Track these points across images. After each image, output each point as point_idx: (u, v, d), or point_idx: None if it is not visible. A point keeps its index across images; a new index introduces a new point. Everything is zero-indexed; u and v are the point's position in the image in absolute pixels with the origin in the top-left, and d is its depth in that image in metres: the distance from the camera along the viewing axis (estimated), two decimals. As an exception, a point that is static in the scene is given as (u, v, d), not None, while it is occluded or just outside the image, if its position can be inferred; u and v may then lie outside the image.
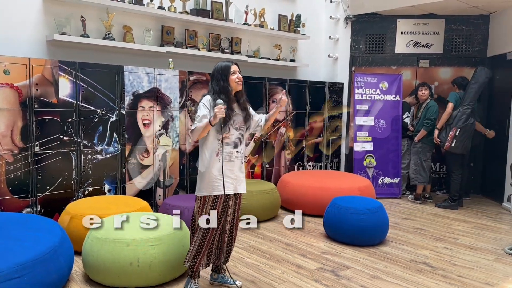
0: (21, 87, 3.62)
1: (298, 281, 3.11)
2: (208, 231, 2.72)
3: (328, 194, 4.70)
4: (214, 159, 2.72)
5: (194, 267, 2.78)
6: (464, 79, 5.50)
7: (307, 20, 6.32)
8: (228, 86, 2.74)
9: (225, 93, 2.73)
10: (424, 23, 6.20)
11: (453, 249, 3.88)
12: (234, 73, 2.76)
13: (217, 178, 2.72)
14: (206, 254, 2.77)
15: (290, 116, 5.77)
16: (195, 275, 2.82)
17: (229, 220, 2.86)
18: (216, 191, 2.72)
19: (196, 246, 2.75)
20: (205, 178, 2.74)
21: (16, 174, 3.64)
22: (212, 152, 2.73)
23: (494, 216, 5.09)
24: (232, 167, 2.77)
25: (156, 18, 4.80)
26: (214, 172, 2.72)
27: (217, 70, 2.78)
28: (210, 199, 2.73)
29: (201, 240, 2.73)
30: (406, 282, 3.13)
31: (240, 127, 2.81)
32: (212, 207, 2.73)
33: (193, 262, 2.77)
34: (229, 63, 2.79)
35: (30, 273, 2.42)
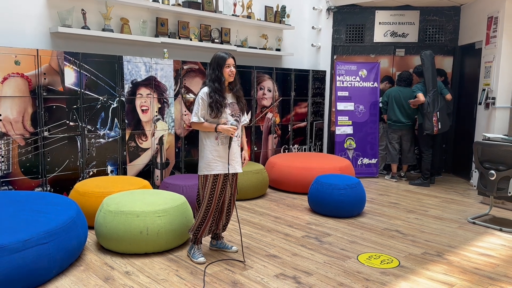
0: (31, 77, 3.92)
1: (286, 246, 3.56)
2: (210, 205, 3.10)
3: (312, 173, 5.15)
4: (213, 143, 3.09)
5: (198, 235, 3.18)
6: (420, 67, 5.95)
7: (292, 11, 6.68)
8: (221, 76, 3.06)
9: (219, 82, 3.06)
10: (401, 14, 6.63)
11: (422, 219, 4.38)
12: (228, 66, 3.07)
13: (216, 160, 3.08)
14: (208, 224, 3.17)
15: (276, 103, 6.17)
16: (198, 242, 3.23)
17: (228, 195, 3.23)
18: (215, 170, 3.08)
19: (200, 218, 3.13)
20: (205, 160, 3.09)
21: (28, 157, 3.97)
22: (212, 137, 3.09)
23: (462, 192, 5.62)
24: (232, 150, 3.11)
25: (151, 11, 5.10)
26: (214, 154, 3.08)
27: (214, 60, 3.11)
28: (211, 178, 3.09)
29: (204, 212, 3.12)
30: (380, 246, 3.61)
31: (235, 114, 3.15)
32: (213, 184, 3.09)
33: (197, 231, 3.17)
34: (226, 55, 3.10)
35: (55, 239, 2.80)
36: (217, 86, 3.05)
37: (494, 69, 5.52)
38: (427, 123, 5.63)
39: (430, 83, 5.62)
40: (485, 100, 5.62)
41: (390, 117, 6.06)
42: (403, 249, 3.55)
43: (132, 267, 3.07)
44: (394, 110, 6.00)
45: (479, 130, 5.83)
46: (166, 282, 2.85)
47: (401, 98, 5.97)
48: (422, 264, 3.23)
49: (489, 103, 5.56)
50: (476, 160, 4.33)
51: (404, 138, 6.07)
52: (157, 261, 3.19)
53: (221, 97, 3.05)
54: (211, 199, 3.10)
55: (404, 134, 6.06)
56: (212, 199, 3.10)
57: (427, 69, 5.64)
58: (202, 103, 3.05)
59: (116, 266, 3.09)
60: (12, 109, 3.84)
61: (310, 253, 3.40)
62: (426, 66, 5.65)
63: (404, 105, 5.95)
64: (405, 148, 6.11)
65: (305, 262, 3.23)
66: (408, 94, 5.95)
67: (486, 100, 5.60)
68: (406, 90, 6.00)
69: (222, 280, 2.89)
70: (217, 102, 3.02)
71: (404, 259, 3.32)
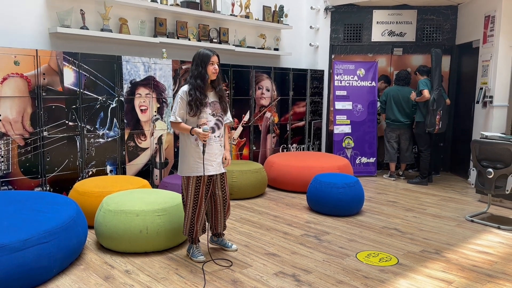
0: (30, 77, 3.93)
1: (286, 244, 3.57)
2: (196, 206, 3.09)
3: (311, 172, 5.17)
4: (193, 143, 3.05)
5: (193, 235, 3.18)
6: (425, 66, 5.98)
7: (290, 10, 6.70)
8: (205, 73, 3.01)
9: (202, 79, 3.01)
10: (398, 13, 6.65)
11: (420, 218, 4.40)
12: (212, 63, 3.03)
13: (196, 161, 3.04)
14: (199, 224, 3.16)
15: (275, 102, 6.19)
16: (195, 241, 3.23)
17: (219, 195, 3.21)
18: (196, 172, 3.05)
19: (189, 219, 3.13)
20: (186, 161, 3.07)
21: (27, 157, 3.98)
22: (191, 138, 3.05)
23: (460, 190, 5.65)
24: (211, 150, 3.06)
25: (150, 11, 5.12)
26: (194, 156, 3.04)
27: (198, 56, 3.05)
28: (193, 179, 3.06)
29: (192, 214, 3.11)
30: (378, 244, 3.63)
31: (217, 113, 3.11)
32: (197, 186, 3.07)
33: (190, 232, 3.16)
34: (210, 52, 3.03)
35: (56, 238, 2.81)
36: (200, 83, 3.00)
37: (491, 67, 5.54)
38: (430, 121, 5.62)
39: (437, 81, 5.65)
40: (483, 98, 5.65)
41: (388, 116, 6.09)
42: (401, 247, 3.57)
43: (132, 266, 3.08)
44: (393, 109, 6.03)
45: (476, 128, 5.86)
46: (166, 280, 2.87)
47: (399, 97, 5.99)
48: (421, 262, 3.25)
49: (487, 102, 5.58)
50: (474, 159, 4.35)
51: (402, 137, 6.10)
52: (157, 260, 3.20)
53: (202, 95, 3.00)
54: (196, 200, 3.08)
55: (402, 133, 6.08)
56: (197, 200, 3.08)
57: (436, 67, 5.67)
58: (181, 102, 3.02)
59: (116, 265, 3.10)
60: (11, 109, 3.85)
61: (309, 252, 3.42)
62: (437, 63, 5.68)
63: (403, 104, 5.98)
64: (403, 147, 6.13)
65: (304, 260, 3.25)
66: (407, 93, 5.98)
67: (484, 99, 5.63)
68: (405, 89, 6.03)
69: (222, 279, 2.90)
70: (197, 100, 2.97)
71: (402, 257, 3.34)
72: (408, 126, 6.06)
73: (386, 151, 6.21)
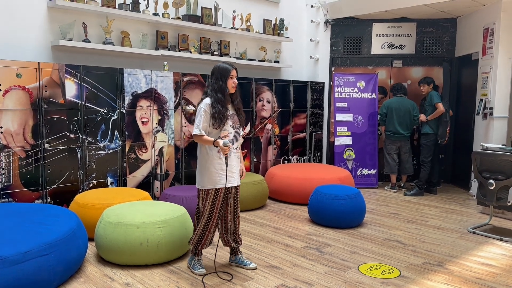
0: (32, 89, 3.96)
1: (287, 256, 3.55)
2: (210, 219, 3.09)
3: (312, 184, 5.15)
4: (216, 156, 3.07)
5: (198, 247, 3.17)
6: (430, 78, 6.01)
7: (290, 24, 6.77)
8: (225, 87, 3.07)
9: (222, 93, 3.06)
10: (397, 26, 6.71)
11: (422, 229, 4.38)
12: (232, 77, 3.09)
13: (218, 173, 3.06)
14: (209, 237, 3.15)
15: (276, 114, 6.21)
16: (199, 253, 3.21)
17: (231, 208, 3.22)
18: (218, 184, 3.07)
19: (200, 231, 3.12)
20: (207, 173, 3.07)
21: (28, 169, 3.98)
22: (214, 150, 3.08)
23: (462, 202, 5.63)
24: (231, 162, 3.10)
25: (151, 24, 5.16)
26: (217, 168, 3.06)
27: (218, 70, 3.10)
28: (212, 192, 3.08)
29: (204, 226, 3.11)
30: (380, 256, 3.60)
31: (236, 125, 3.16)
32: (215, 198, 3.08)
33: (197, 243, 3.15)
34: (230, 67, 3.10)
35: (56, 251, 2.79)
36: (220, 97, 3.04)
37: (491, 79, 5.57)
38: (443, 132, 5.68)
39: (447, 93, 5.69)
40: (483, 110, 5.66)
41: (389, 128, 6.09)
42: (403, 259, 3.54)
43: (132, 279, 3.06)
44: (394, 121, 6.02)
45: (477, 140, 5.86)
46: (166, 293, 2.84)
47: (401, 109, 6.00)
48: (423, 274, 3.23)
49: (487, 113, 5.59)
50: (475, 170, 4.35)
51: (402, 149, 6.10)
52: (157, 272, 3.18)
53: (224, 108, 3.05)
54: (211, 213, 3.09)
55: (403, 145, 6.08)
56: (212, 213, 3.09)
57: (447, 79, 5.71)
58: (204, 115, 3.03)
59: (116, 277, 3.08)
60: (13, 121, 3.86)
61: (311, 264, 3.39)
62: (448, 75, 5.72)
63: (404, 116, 5.99)
64: (403, 159, 6.13)
65: (306, 272, 3.22)
66: (408, 105, 6.01)
67: (484, 110, 5.64)
68: (405, 101, 6.06)
69: (223, 291, 2.88)
70: (220, 113, 3.01)
71: (405, 269, 3.31)
72: (408, 138, 6.06)
73: (387, 163, 6.20)
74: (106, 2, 4.62)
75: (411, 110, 6.02)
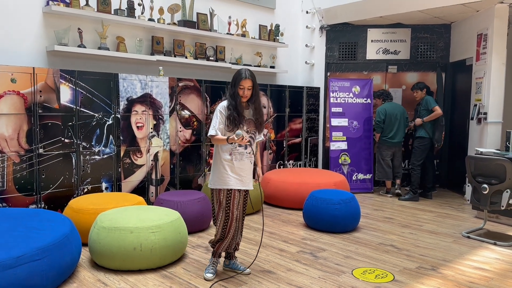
0: (27, 94, 3.96)
1: (281, 261, 3.55)
2: (228, 219, 3.10)
3: (307, 189, 5.16)
4: (227, 158, 3.09)
5: (215, 248, 3.20)
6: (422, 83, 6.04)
7: (285, 29, 6.80)
8: (237, 95, 3.06)
9: (234, 100, 3.06)
10: (392, 32, 6.76)
11: (417, 234, 4.38)
12: (242, 88, 3.04)
13: (229, 175, 3.07)
14: (228, 239, 3.16)
15: (271, 119, 6.22)
16: (216, 255, 3.23)
17: (240, 212, 3.20)
18: (228, 185, 3.08)
19: (220, 233, 3.13)
20: (218, 173, 3.10)
21: (22, 174, 3.97)
22: (226, 152, 3.09)
23: (456, 207, 5.64)
24: (243, 165, 3.10)
25: (147, 29, 5.19)
26: (227, 169, 3.08)
27: (233, 76, 3.10)
28: (224, 192, 3.09)
29: (223, 228, 3.11)
30: (375, 260, 3.61)
31: (251, 130, 3.15)
32: (228, 198, 3.09)
33: (215, 244, 3.19)
34: (243, 75, 3.03)
35: (48, 256, 2.78)
36: (233, 103, 3.06)
37: (485, 84, 5.61)
38: (439, 136, 5.74)
39: (440, 98, 5.73)
40: (477, 115, 5.69)
41: (386, 134, 6.07)
42: (397, 263, 3.55)
43: (125, 284, 3.05)
44: (393, 127, 6.03)
45: (472, 145, 5.89)
46: (159, 298, 2.84)
47: (397, 115, 6.02)
48: (417, 278, 3.23)
49: (481, 118, 5.63)
50: (469, 174, 4.37)
51: (397, 154, 6.11)
52: (150, 277, 3.17)
53: (237, 113, 3.05)
54: (227, 214, 3.09)
55: (397, 150, 6.10)
56: (229, 213, 3.10)
57: (440, 84, 5.75)
58: (220, 117, 3.06)
59: (109, 282, 3.07)
60: (7, 126, 3.86)
61: (305, 268, 3.39)
62: (440, 81, 5.76)
63: (400, 122, 6.01)
64: (396, 164, 6.13)
65: (300, 277, 3.22)
66: (401, 110, 6.05)
67: (478, 115, 5.68)
68: (398, 107, 6.11)
69: (216, 296, 2.87)
70: (233, 117, 3.03)
71: (398, 273, 3.32)
72: (402, 143, 6.14)
73: (382, 170, 6.16)
74: (102, 8, 4.64)
75: (404, 114, 6.09)
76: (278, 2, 6.74)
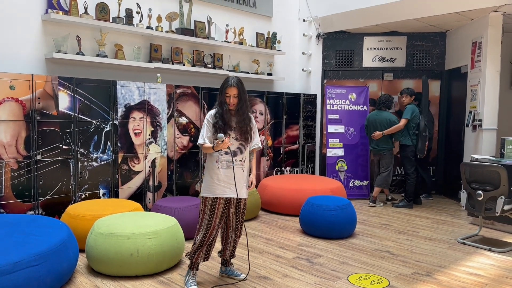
0: (25, 101, 3.99)
1: (277, 267, 3.57)
2: (209, 229, 3.08)
3: (304, 195, 5.19)
4: (214, 165, 3.10)
5: (193, 259, 3.13)
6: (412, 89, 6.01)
7: (282, 37, 6.87)
8: (224, 102, 3.08)
9: (221, 107, 3.08)
10: (388, 39, 6.83)
11: (413, 240, 4.41)
12: (228, 96, 3.05)
13: (214, 183, 3.08)
14: (205, 249, 3.13)
15: (268, 125, 6.26)
16: (194, 267, 3.16)
17: (232, 221, 3.19)
18: (213, 194, 3.07)
19: (199, 241, 3.10)
20: (205, 182, 3.12)
21: (20, 180, 3.99)
22: (213, 160, 3.10)
23: (453, 213, 5.67)
24: (231, 173, 3.05)
25: (145, 37, 5.23)
26: (213, 177, 3.08)
27: (221, 84, 3.11)
28: (209, 200, 3.08)
29: (203, 236, 3.09)
30: (370, 266, 3.63)
31: (240, 138, 3.11)
32: (212, 208, 3.08)
33: (193, 254, 3.12)
34: (228, 83, 3.04)
35: (46, 261, 2.80)
36: (220, 111, 3.07)
37: (479, 92, 5.67)
38: (422, 146, 5.69)
39: (426, 108, 5.74)
40: (472, 122, 5.75)
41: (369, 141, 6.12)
42: (393, 269, 3.57)
43: (122, 290, 3.06)
44: (369, 134, 6.06)
45: (467, 151, 5.94)
46: (156, 304, 2.85)
47: (377, 123, 5.92)
48: (412, 284, 3.25)
49: (476, 125, 5.68)
50: (464, 181, 4.40)
51: (381, 161, 5.99)
52: (147, 283, 3.19)
53: (223, 121, 3.05)
54: (210, 223, 3.07)
55: (380, 158, 5.97)
56: (211, 223, 3.07)
57: (426, 93, 5.77)
58: (207, 125, 3.09)
59: (106, 288, 3.09)
60: (5, 133, 3.89)
61: (301, 274, 3.41)
62: (426, 90, 5.78)
63: (378, 130, 5.91)
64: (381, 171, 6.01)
65: (296, 283, 3.24)
66: (385, 118, 5.88)
67: (473, 122, 5.73)
68: (383, 114, 5.93)
69: (213, 302, 2.89)
70: (220, 126, 3.04)
71: (394, 279, 3.34)
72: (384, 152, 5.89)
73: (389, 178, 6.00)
74: (100, 16, 4.69)
75: (383, 123, 5.87)
76: (275, 10, 6.81)
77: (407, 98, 5.93)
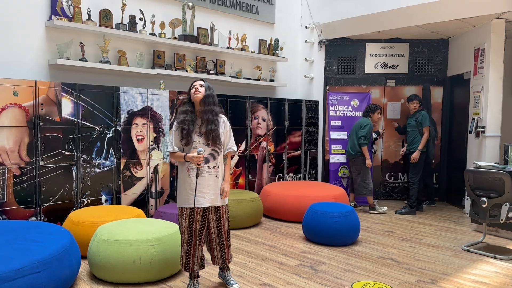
0: (28, 107, 3.99)
1: (280, 275, 3.54)
2: (191, 240, 3.02)
3: (306, 202, 5.16)
4: (185, 174, 3.01)
5: (189, 270, 3.08)
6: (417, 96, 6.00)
7: (285, 44, 6.88)
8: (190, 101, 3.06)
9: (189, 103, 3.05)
10: (390, 46, 6.83)
11: (417, 247, 4.38)
12: (194, 86, 3.03)
13: (188, 193, 3.00)
14: (195, 259, 3.05)
15: (271, 132, 6.25)
16: (193, 276, 3.12)
17: (214, 229, 3.12)
18: (188, 204, 3.00)
19: (185, 252, 3.05)
20: (179, 192, 3.06)
21: (23, 186, 3.98)
22: (184, 168, 3.02)
23: (456, 220, 5.64)
24: (203, 181, 2.97)
25: (148, 44, 5.25)
26: (186, 187, 3.01)
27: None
28: (187, 211, 3.01)
29: (187, 247, 3.04)
30: (374, 274, 3.60)
31: (211, 143, 2.99)
32: (191, 218, 3.01)
33: (186, 266, 3.07)
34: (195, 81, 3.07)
35: (48, 268, 2.78)
36: (187, 108, 3.02)
37: (482, 98, 5.65)
38: (433, 151, 5.81)
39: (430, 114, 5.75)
40: (475, 129, 5.73)
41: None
42: (397, 277, 3.54)
43: (124, 297, 3.04)
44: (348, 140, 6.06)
45: (470, 158, 5.91)
46: (158, 311, 2.83)
47: (354, 129, 5.94)
48: (417, 292, 3.22)
49: (479, 132, 5.66)
50: (468, 188, 4.38)
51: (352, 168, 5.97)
52: (150, 290, 3.17)
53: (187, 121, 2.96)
54: (190, 233, 3.01)
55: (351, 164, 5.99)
56: (191, 233, 3.01)
57: (428, 100, 5.77)
58: (174, 131, 3.05)
59: (108, 296, 3.06)
60: (8, 139, 3.88)
61: (305, 282, 3.39)
62: (428, 97, 5.78)
63: (352, 136, 5.91)
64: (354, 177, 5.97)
65: (299, 290, 3.21)
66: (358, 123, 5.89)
67: (476, 129, 5.71)
68: (360, 120, 5.97)
69: (216, 309, 2.86)
70: (183, 129, 2.95)
71: (398, 287, 3.31)
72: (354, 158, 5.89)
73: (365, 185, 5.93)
74: (103, 22, 4.70)
75: (356, 128, 5.89)
76: (278, 17, 6.83)
77: (418, 105, 5.90)
